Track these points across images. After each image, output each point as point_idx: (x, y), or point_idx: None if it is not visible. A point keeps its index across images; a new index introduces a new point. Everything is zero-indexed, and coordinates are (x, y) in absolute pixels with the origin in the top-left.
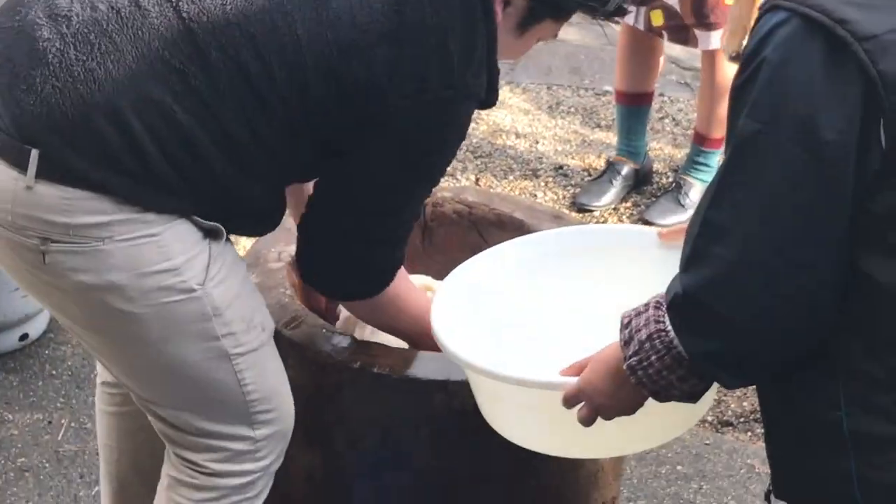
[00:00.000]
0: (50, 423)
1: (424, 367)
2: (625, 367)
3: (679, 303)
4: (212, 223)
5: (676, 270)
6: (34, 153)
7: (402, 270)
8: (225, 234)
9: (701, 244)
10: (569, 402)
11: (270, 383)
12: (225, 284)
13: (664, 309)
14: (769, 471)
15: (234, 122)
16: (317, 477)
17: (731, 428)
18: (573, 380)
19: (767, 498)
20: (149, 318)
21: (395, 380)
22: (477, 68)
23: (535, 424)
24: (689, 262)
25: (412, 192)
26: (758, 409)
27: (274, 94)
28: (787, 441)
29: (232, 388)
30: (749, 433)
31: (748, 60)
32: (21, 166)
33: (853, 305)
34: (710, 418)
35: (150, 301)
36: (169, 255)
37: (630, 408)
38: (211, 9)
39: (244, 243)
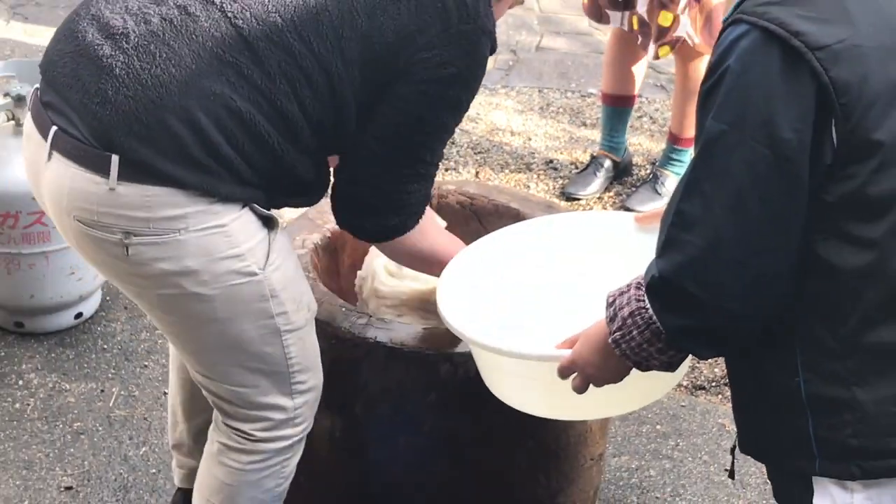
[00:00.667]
0: (102, 391)
1: (432, 341)
2: (610, 341)
3: (655, 284)
4: (268, 212)
5: (653, 251)
6: (114, 158)
7: (430, 216)
8: (279, 223)
9: (674, 232)
10: (563, 372)
11: (310, 358)
12: (281, 270)
13: (643, 289)
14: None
15: (285, 100)
16: (337, 438)
17: (703, 391)
18: (566, 352)
19: (732, 452)
20: (217, 299)
21: (406, 352)
22: (485, 6)
23: (531, 391)
24: (664, 248)
25: (441, 127)
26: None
27: (317, 67)
28: (752, 404)
29: (280, 361)
30: (720, 396)
31: (713, 68)
32: (103, 171)
33: (809, 285)
34: (685, 383)
35: (220, 283)
36: (235, 242)
37: (617, 376)
38: (252, 4)
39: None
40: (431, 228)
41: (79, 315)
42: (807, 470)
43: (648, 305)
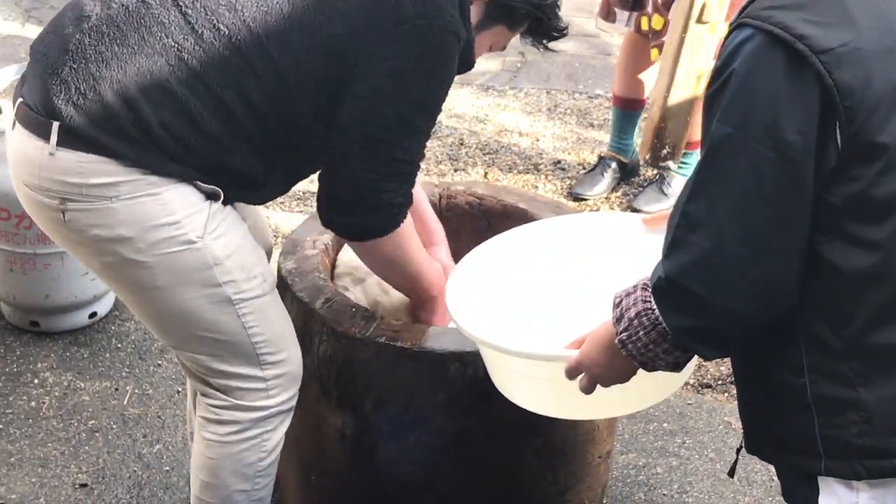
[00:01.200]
0: (117, 389)
1: (441, 340)
2: (616, 341)
3: (662, 285)
4: (211, 187)
5: (659, 253)
6: (55, 125)
7: (411, 227)
8: (223, 195)
9: (679, 234)
10: (570, 373)
11: (275, 329)
12: (224, 238)
13: (650, 290)
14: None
15: (224, 87)
16: (348, 436)
17: (710, 389)
18: (574, 353)
19: (738, 452)
20: (156, 266)
21: (415, 352)
22: (451, 5)
23: (539, 391)
24: (670, 249)
25: (405, 124)
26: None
27: (264, 57)
28: (759, 404)
29: (237, 330)
30: (726, 394)
31: (718, 72)
32: (46, 137)
33: (813, 286)
34: (691, 381)
35: (156, 251)
36: (169, 211)
37: (624, 377)
38: None
39: (283, 231)
40: (410, 240)
41: (93, 314)
42: (813, 469)
43: (655, 306)
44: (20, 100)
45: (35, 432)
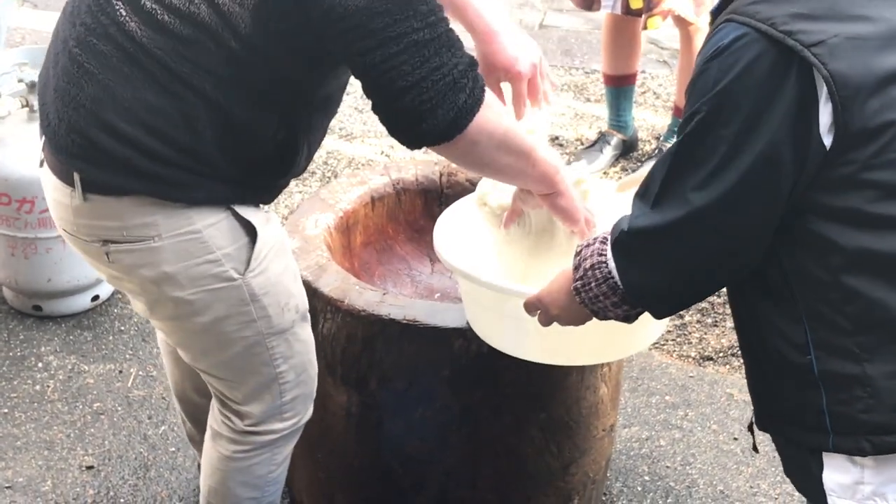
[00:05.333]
0: (121, 372)
1: (445, 316)
2: (571, 288)
3: (622, 239)
4: (248, 219)
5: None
6: (76, 176)
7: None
8: (259, 231)
9: (648, 197)
10: (528, 308)
11: (298, 357)
12: (264, 275)
13: (608, 244)
14: (746, 398)
15: (198, 75)
16: (354, 412)
17: (711, 362)
18: (534, 290)
19: (751, 429)
20: (197, 302)
21: (420, 328)
22: None
23: (523, 335)
24: (637, 207)
25: None
26: (734, 344)
27: (222, 25)
28: (767, 381)
29: (265, 361)
30: (727, 366)
31: (705, 67)
32: (71, 183)
33: (812, 264)
34: (693, 354)
35: (198, 287)
36: (210, 248)
37: (578, 321)
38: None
39: (282, 212)
40: (497, 105)
41: (95, 297)
42: (821, 445)
43: (609, 260)
44: (44, 138)
45: (40, 415)
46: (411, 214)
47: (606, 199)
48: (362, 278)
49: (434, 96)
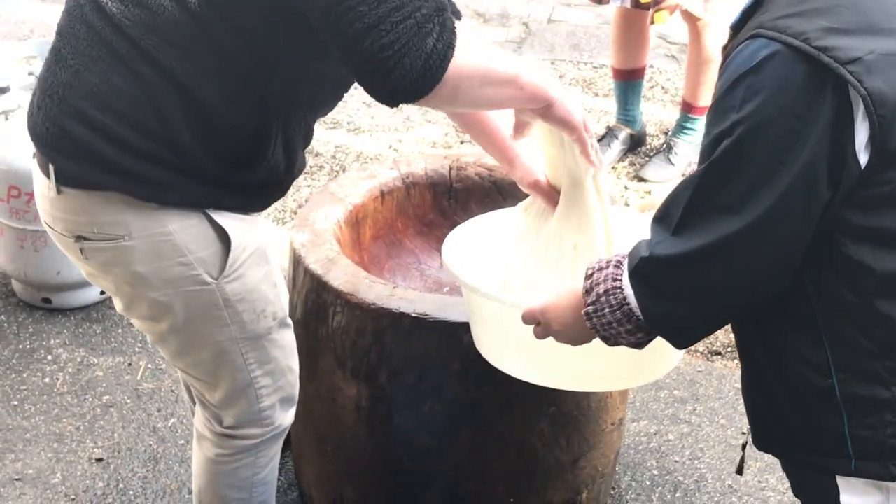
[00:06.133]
0: (130, 365)
1: (455, 311)
2: (582, 313)
3: (641, 267)
4: (222, 226)
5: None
6: (51, 167)
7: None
8: (232, 240)
9: (672, 223)
10: (527, 318)
11: (276, 363)
12: (240, 281)
13: (623, 268)
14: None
15: (176, 63)
16: (363, 406)
17: (719, 357)
18: (536, 301)
19: (743, 448)
20: (171, 303)
21: (429, 322)
22: None
23: (538, 357)
24: (658, 234)
25: None
26: None
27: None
28: (775, 402)
29: (239, 367)
30: (735, 361)
31: (734, 85)
32: (48, 176)
33: (839, 287)
34: (701, 348)
35: (172, 288)
36: (182, 252)
37: (579, 341)
38: None
39: (290, 206)
40: (475, 45)
41: (104, 290)
42: (840, 470)
43: (625, 286)
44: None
45: (50, 408)
46: (420, 208)
47: (628, 221)
48: (371, 272)
49: (396, 40)
